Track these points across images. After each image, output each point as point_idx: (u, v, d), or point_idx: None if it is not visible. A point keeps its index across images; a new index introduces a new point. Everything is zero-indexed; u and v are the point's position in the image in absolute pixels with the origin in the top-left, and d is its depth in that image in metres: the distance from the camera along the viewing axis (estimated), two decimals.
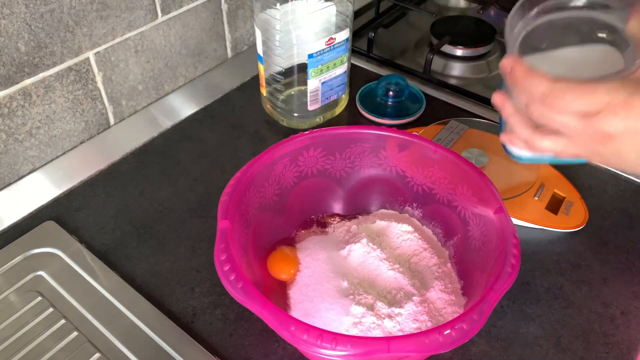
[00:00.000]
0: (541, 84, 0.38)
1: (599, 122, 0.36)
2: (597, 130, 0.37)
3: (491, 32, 0.90)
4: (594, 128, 0.37)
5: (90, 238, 0.61)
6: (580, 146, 0.39)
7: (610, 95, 0.36)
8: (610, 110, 0.36)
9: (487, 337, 0.52)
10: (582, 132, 0.38)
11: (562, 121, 0.38)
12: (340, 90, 0.76)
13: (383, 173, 0.59)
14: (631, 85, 0.36)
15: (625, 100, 0.35)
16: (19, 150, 0.64)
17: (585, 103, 0.36)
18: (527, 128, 0.41)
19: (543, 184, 0.65)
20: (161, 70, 0.76)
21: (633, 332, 0.53)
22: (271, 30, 0.67)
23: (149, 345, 0.50)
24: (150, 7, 0.70)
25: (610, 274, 0.58)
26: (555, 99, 0.37)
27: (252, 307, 0.41)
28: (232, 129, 0.76)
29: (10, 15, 0.57)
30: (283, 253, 0.55)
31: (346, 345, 0.38)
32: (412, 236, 0.56)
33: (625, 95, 0.35)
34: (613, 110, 0.36)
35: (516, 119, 0.42)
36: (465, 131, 0.70)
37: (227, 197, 0.49)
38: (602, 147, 0.38)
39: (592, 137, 0.37)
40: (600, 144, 0.37)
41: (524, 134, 0.41)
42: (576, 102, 0.36)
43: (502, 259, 0.44)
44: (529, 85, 0.38)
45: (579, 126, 0.37)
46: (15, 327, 0.52)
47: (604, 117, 0.36)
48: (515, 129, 0.42)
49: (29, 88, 0.62)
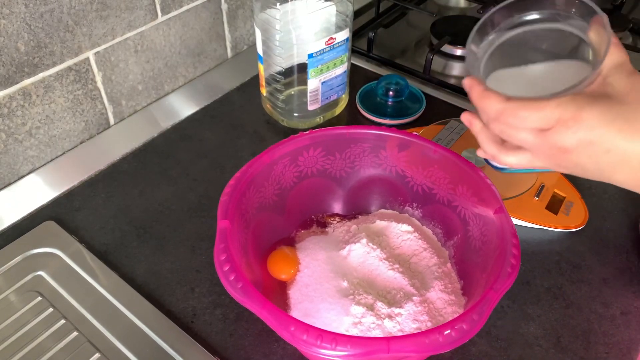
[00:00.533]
0: (494, 103, 0.39)
1: (553, 137, 0.38)
2: (552, 145, 0.38)
3: None
4: (550, 143, 0.38)
5: (90, 238, 0.61)
6: (542, 160, 0.40)
7: (559, 110, 0.37)
8: (561, 124, 0.37)
9: (487, 337, 0.52)
10: (540, 147, 0.39)
11: (520, 137, 0.40)
12: (340, 90, 0.76)
13: (383, 173, 0.59)
14: (580, 99, 0.37)
15: (574, 114, 0.36)
16: (18, 150, 0.64)
17: (537, 119, 0.38)
18: (493, 144, 0.43)
19: (543, 184, 0.65)
20: (161, 70, 0.76)
21: (633, 332, 0.53)
22: (271, 30, 0.67)
23: (149, 345, 0.50)
24: (150, 7, 0.70)
25: (610, 274, 0.58)
26: (509, 117, 0.39)
27: (252, 307, 0.41)
28: (232, 129, 0.76)
29: (10, 15, 0.57)
30: (283, 253, 0.55)
31: (346, 346, 0.38)
32: (412, 236, 0.56)
33: (574, 109, 0.36)
34: (564, 124, 0.37)
35: (483, 136, 0.44)
36: (466, 131, 0.70)
37: (227, 197, 0.49)
38: (562, 159, 0.39)
39: (550, 151, 0.39)
40: (559, 157, 0.39)
41: (490, 151, 0.43)
42: (529, 119, 0.38)
43: (502, 259, 0.44)
44: (485, 106, 0.40)
45: (536, 141, 0.39)
46: (15, 327, 0.52)
47: (556, 132, 0.37)
48: (483, 146, 0.44)
49: (28, 88, 0.62)
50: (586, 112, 0.36)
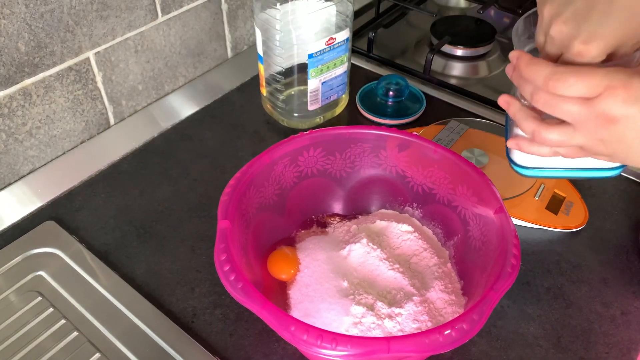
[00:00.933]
0: (543, 68, 0.39)
1: (600, 104, 0.37)
2: (599, 114, 0.37)
3: (491, 32, 0.90)
4: (596, 111, 0.37)
5: (90, 238, 0.61)
6: (585, 134, 0.39)
7: (609, 77, 0.36)
8: (610, 92, 0.36)
9: (487, 337, 0.52)
10: (585, 118, 0.38)
11: (565, 108, 0.39)
12: (340, 90, 0.76)
13: (383, 173, 0.59)
14: (630, 70, 0.37)
15: (624, 82, 0.36)
16: (19, 150, 0.64)
17: (586, 85, 0.37)
18: (533, 121, 0.42)
19: (543, 184, 0.65)
20: (161, 70, 0.76)
21: (633, 332, 0.53)
22: (271, 30, 0.67)
23: (149, 345, 0.50)
24: (150, 7, 0.70)
25: (610, 274, 0.58)
26: (557, 82, 0.38)
27: (252, 307, 0.41)
28: (232, 129, 0.76)
29: (10, 15, 0.57)
30: (283, 253, 0.55)
31: (346, 346, 0.38)
32: (412, 236, 0.56)
33: (624, 77, 0.36)
34: (613, 91, 0.36)
35: (522, 114, 0.43)
36: (465, 131, 0.70)
37: (227, 197, 0.49)
38: (606, 132, 0.38)
39: (595, 122, 0.38)
40: (603, 128, 0.38)
41: (530, 127, 0.42)
42: (577, 85, 0.37)
43: (502, 259, 0.44)
44: (533, 72, 0.39)
45: (582, 111, 0.38)
46: (15, 327, 0.52)
47: (604, 99, 0.37)
48: (522, 124, 0.43)
49: (29, 88, 0.62)
50: (636, 81, 0.36)
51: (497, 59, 0.89)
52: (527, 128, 0.42)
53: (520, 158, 0.49)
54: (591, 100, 0.37)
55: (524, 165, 0.49)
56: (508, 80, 0.43)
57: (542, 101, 0.40)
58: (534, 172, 0.49)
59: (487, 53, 0.89)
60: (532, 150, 0.44)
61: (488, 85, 0.85)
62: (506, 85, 0.47)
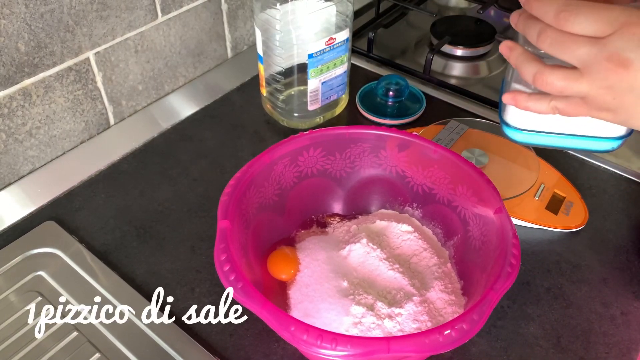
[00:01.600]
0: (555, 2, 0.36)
1: (614, 42, 0.34)
2: (612, 54, 0.34)
3: (491, 32, 0.90)
4: (609, 51, 0.34)
5: (90, 238, 0.61)
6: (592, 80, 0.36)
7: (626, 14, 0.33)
8: (627, 29, 0.33)
9: (487, 337, 0.52)
10: (595, 59, 0.35)
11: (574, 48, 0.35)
12: (340, 90, 0.76)
13: (383, 173, 0.59)
14: None
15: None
16: (19, 150, 0.64)
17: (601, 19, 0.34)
18: (535, 63, 0.38)
19: (543, 184, 0.65)
20: (161, 70, 0.76)
21: (633, 332, 0.53)
22: (271, 30, 0.67)
23: (149, 345, 0.50)
24: (150, 7, 0.70)
25: (610, 274, 0.58)
26: (570, 15, 0.35)
27: (252, 307, 0.41)
28: (232, 129, 0.76)
29: (10, 15, 0.57)
30: (283, 253, 0.55)
31: (346, 346, 0.38)
32: (412, 236, 0.56)
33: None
34: (629, 29, 0.33)
35: (524, 58, 0.39)
36: (465, 131, 0.70)
37: (227, 197, 0.49)
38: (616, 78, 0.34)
39: (605, 65, 0.34)
40: (613, 73, 0.34)
41: (532, 69, 0.38)
42: (590, 19, 0.34)
43: (502, 259, 0.44)
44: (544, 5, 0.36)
45: (591, 52, 0.35)
46: (15, 327, 0.52)
47: (619, 37, 0.33)
48: (523, 68, 0.39)
49: (29, 88, 0.62)
50: None
51: (497, 59, 0.89)
52: (529, 70, 0.39)
53: (513, 118, 0.45)
54: (604, 40, 0.34)
55: (517, 127, 0.45)
56: None
57: (550, 40, 0.36)
58: (526, 135, 0.45)
59: (487, 53, 0.89)
60: (529, 105, 0.41)
61: (488, 85, 0.85)
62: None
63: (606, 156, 0.70)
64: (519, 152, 0.67)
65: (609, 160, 0.70)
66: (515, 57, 0.40)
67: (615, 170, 0.69)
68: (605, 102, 0.36)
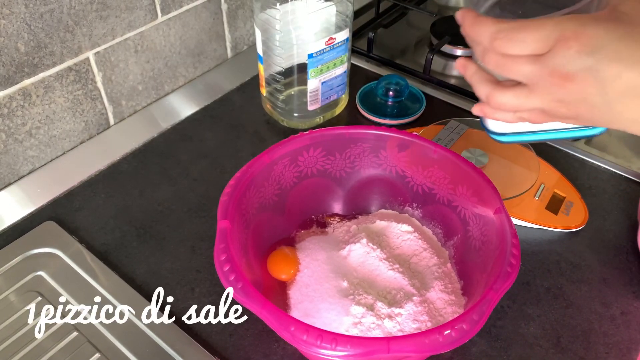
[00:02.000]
0: (488, 26, 0.35)
1: (553, 60, 0.33)
2: (553, 71, 0.33)
3: None
4: (550, 68, 0.33)
5: (90, 238, 0.61)
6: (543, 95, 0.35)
7: (559, 27, 0.32)
8: (562, 44, 0.32)
9: (487, 337, 0.52)
10: (539, 77, 0.34)
11: (517, 69, 0.35)
12: (340, 90, 0.76)
13: (383, 173, 0.59)
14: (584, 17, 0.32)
15: (576, 31, 0.32)
16: (18, 150, 0.64)
17: (535, 40, 0.33)
18: (487, 83, 0.38)
19: (543, 184, 0.65)
20: (161, 70, 0.76)
21: (633, 332, 0.53)
22: (271, 30, 0.67)
23: (149, 345, 0.50)
24: (150, 7, 0.70)
25: (610, 274, 0.58)
26: (503, 41, 0.34)
27: (252, 307, 0.41)
28: (232, 129, 0.76)
29: (10, 15, 0.57)
30: (283, 253, 0.55)
31: (346, 346, 0.38)
32: (412, 236, 0.56)
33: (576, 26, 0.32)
34: (565, 43, 0.32)
35: (477, 77, 0.39)
36: (465, 131, 0.70)
37: (227, 197, 0.49)
38: (564, 92, 0.34)
39: (550, 81, 0.34)
40: (560, 87, 0.34)
41: (484, 91, 0.38)
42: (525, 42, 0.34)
43: (502, 259, 0.44)
44: (478, 33, 0.36)
45: (535, 70, 0.34)
46: (15, 327, 0.52)
47: (556, 53, 0.33)
48: (477, 88, 0.39)
49: (28, 88, 0.62)
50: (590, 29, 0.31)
51: None
52: (482, 92, 0.39)
53: (493, 125, 0.45)
54: (543, 57, 0.33)
55: (499, 132, 0.45)
56: None
57: (493, 62, 0.36)
58: (511, 137, 0.45)
59: None
60: (496, 116, 0.40)
61: None
62: None
63: (606, 156, 0.70)
64: (519, 152, 0.67)
65: (609, 160, 0.70)
66: (469, 76, 0.40)
67: (615, 170, 0.69)
68: (563, 112, 0.36)
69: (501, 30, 0.35)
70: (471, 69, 0.40)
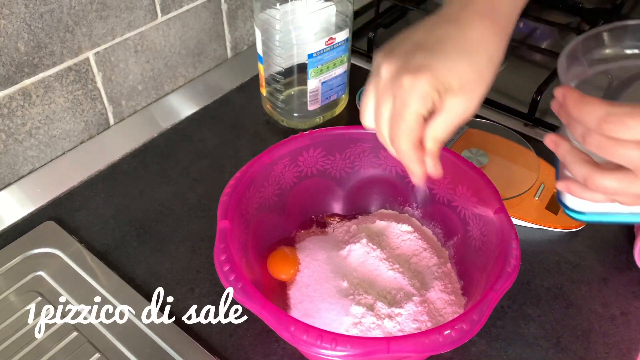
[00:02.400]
0: (596, 109, 0.34)
1: None
2: None
3: None
4: None
5: (90, 238, 0.61)
6: None
7: None
8: None
9: (487, 337, 0.52)
10: None
11: (623, 153, 0.34)
12: (340, 90, 0.76)
13: (383, 173, 0.59)
14: None
15: None
16: (18, 150, 0.64)
17: None
18: (584, 165, 0.37)
19: (543, 184, 0.65)
20: (161, 70, 0.76)
21: (633, 332, 0.53)
22: (271, 30, 0.67)
23: (149, 345, 0.50)
24: (150, 7, 0.70)
25: (610, 274, 0.58)
26: (614, 125, 0.33)
27: (252, 307, 0.41)
28: (232, 129, 0.76)
29: (9, 15, 0.57)
30: (283, 253, 0.55)
31: (346, 346, 0.38)
32: (412, 236, 0.56)
33: None
34: None
35: (572, 157, 0.38)
36: (465, 131, 0.70)
37: (226, 197, 0.49)
38: None
39: None
40: None
41: (582, 172, 0.37)
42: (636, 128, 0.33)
43: (502, 259, 0.44)
44: (583, 113, 0.35)
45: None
46: (15, 327, 0.52)
47: None
48: (572, 168, 0.38)
49: (28, 88, 0.62)
50: None
51: None
52: (579, 173, 0.37)
53: (574, 202, 0.43)
54: None
55: (579, 211, 0.43)
56: (508, 80, 0.43)
57: (596, 144, 0.35)
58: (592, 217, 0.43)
59: None
60: (585, 196, 0.39)
61: None
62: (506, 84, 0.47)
63: None
64: (519, 152, 0.67)
65: None
66: (562, 155, 0.39)
67: None
68: None
69: (613, 114, 0.34)
70: (564, 147, 0.39)
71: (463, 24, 0.40)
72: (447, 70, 0.38)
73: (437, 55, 0.38)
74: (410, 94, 0.38)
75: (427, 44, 0.39)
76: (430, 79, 0.38)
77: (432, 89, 0.38)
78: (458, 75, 0.38)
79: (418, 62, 0.38)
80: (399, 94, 0.39)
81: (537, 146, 0.68)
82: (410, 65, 0.38)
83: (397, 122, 0.39)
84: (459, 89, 0.38)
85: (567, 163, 0.39)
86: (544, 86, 0.73)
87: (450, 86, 0.38)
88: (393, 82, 0.39)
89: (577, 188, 0.39)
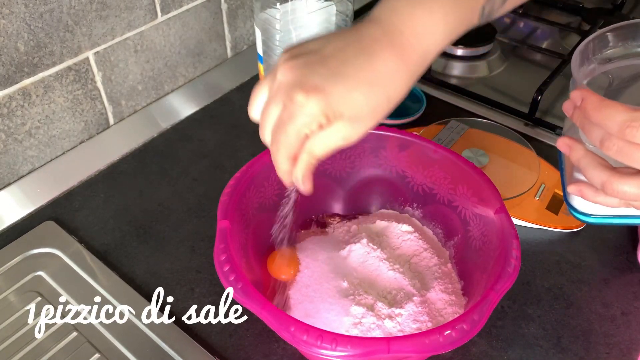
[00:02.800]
0: (619, 113, 0.34)
1: None
2: None
3: (491, 32, 0.90)
4: None
5: (90, 238, 0.61)
6: None
7: None
8: None
9: (487, 337, 0.52)
10: None
11: None
12: None
13: (383, 173, 0.59)
14: None
15: None
16: (18, 150, 0.64)
17: None
18: (602, 169, 0.36)
19: (543, 184, 0.65)
20: (161, 70, 0.76)
21: (633, 333, 0.53)
22: (271, 30, 0.67)
23: (149, 345, 0.50)
24: (150, 7, 0.70)
25: (611, 274, 0.58)
26: (637, 130, 0.33)
27: (252, 307, 0.41)
28: (232, 129, 0.76)
29: (9, 15, 0.57)
30: (283, 253, 0.55)
31: (346, 346, 0.38)
32: (412, 236, 0.56)
33: None
34: None
35: (588, 161, 0.37)
36: (466, 131, 0.70)
37: (226, 197, 0.49)
38: None
39: None
40: None
41: (600, 177, 0.36)
42: None
43: (502, 259, 0.44)
44: (604, 117, 0.34)
45: None
46: (15, 327, 0.52)
47: None
48: (589, 173, 0.37)
49: (28, 88, 0.62)
50: None
51: (497, 58, 0.89)
52: (596, 177, 0.37)
53: (582, 205, 0.43)
54: None
55: (587, 213, 0.43)
56: (508, 80, 0.43)
57: (616, 149, 0.34)
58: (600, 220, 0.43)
59: (488, 53, 0.89)
60: (598, 200, 0.39)
61: (488, 85, 0.85)
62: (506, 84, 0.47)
63: None
64: (519, 152, 0.67)
65: None
66: (577, 159, 0.38)
67: None
68: None
69: (636, 118, 0.33)
70: (579, 151, 0.38)
71: (373, 54, 0.37)
72: (342, 98, 0.36)
73: (337, 79, 0.36)
74: (299, 111, 0.36)
75: (331, 63, 0.37)
76: (322, 104, 0.36)
77: (321, 113, 0.36)
78: (351, 106, 0.37)
79: (316, 82, 0.36)
80: (288, 106, 0.37)
81: (537, 146, 0.68)
82: (308, 82, 0.36)
83: (279, 132, 0.38)
84: (348, 118, 0.37)
85: (582, 167, 0.38)
86: (544, 86, 0.73)
87: (341, 114, 0.36)
88: (287, 90, 0.37)
89: (591, 192, 0.39)
